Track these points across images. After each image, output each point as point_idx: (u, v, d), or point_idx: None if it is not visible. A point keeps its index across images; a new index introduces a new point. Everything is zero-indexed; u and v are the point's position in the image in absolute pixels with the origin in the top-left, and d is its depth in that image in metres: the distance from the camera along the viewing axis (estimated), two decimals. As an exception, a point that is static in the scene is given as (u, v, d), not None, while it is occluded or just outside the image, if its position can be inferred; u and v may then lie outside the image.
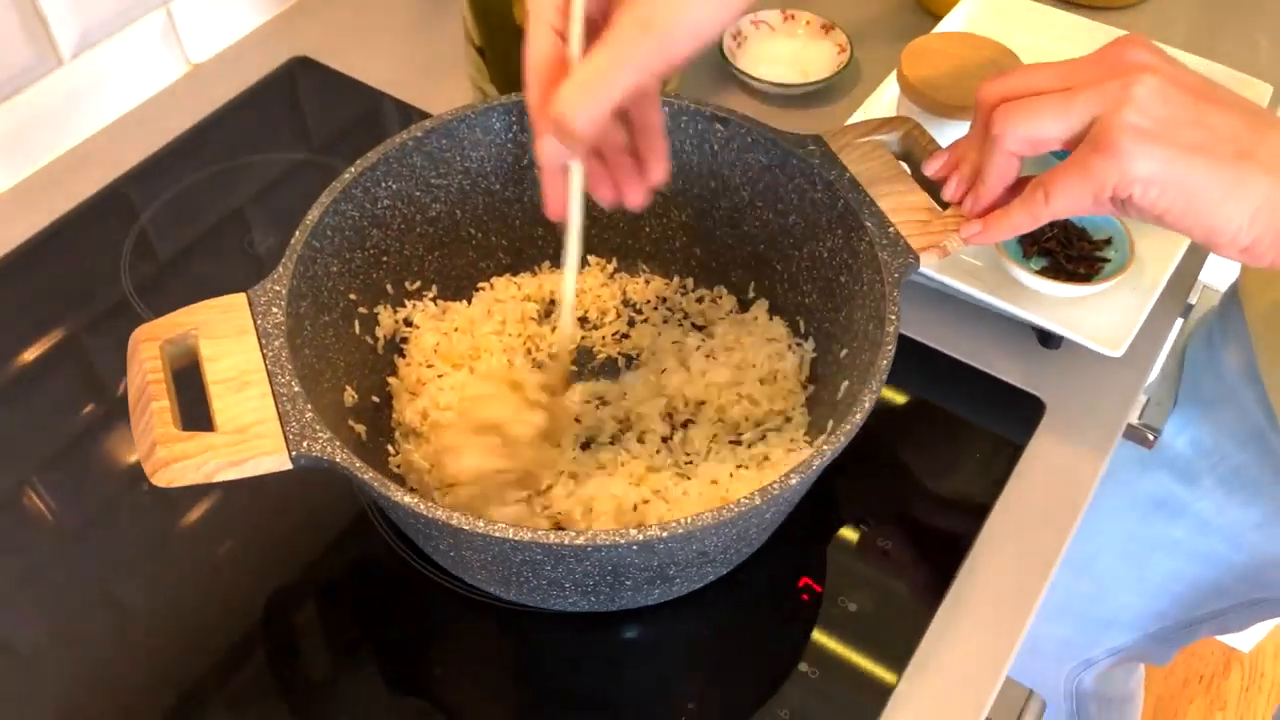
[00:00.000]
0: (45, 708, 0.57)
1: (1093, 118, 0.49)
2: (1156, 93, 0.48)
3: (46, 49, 0.78)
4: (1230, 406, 0.79)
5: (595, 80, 0.48)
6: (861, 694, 0.57)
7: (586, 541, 0.47)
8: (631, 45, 0.48)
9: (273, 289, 0.54)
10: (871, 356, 0.54)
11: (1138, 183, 0.48)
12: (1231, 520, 0.83)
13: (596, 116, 0.48)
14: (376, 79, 0.89)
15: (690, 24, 0.48)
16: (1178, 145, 0.48)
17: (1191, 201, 0.48)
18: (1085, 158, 0.49)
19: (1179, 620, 0.95)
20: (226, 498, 0.64)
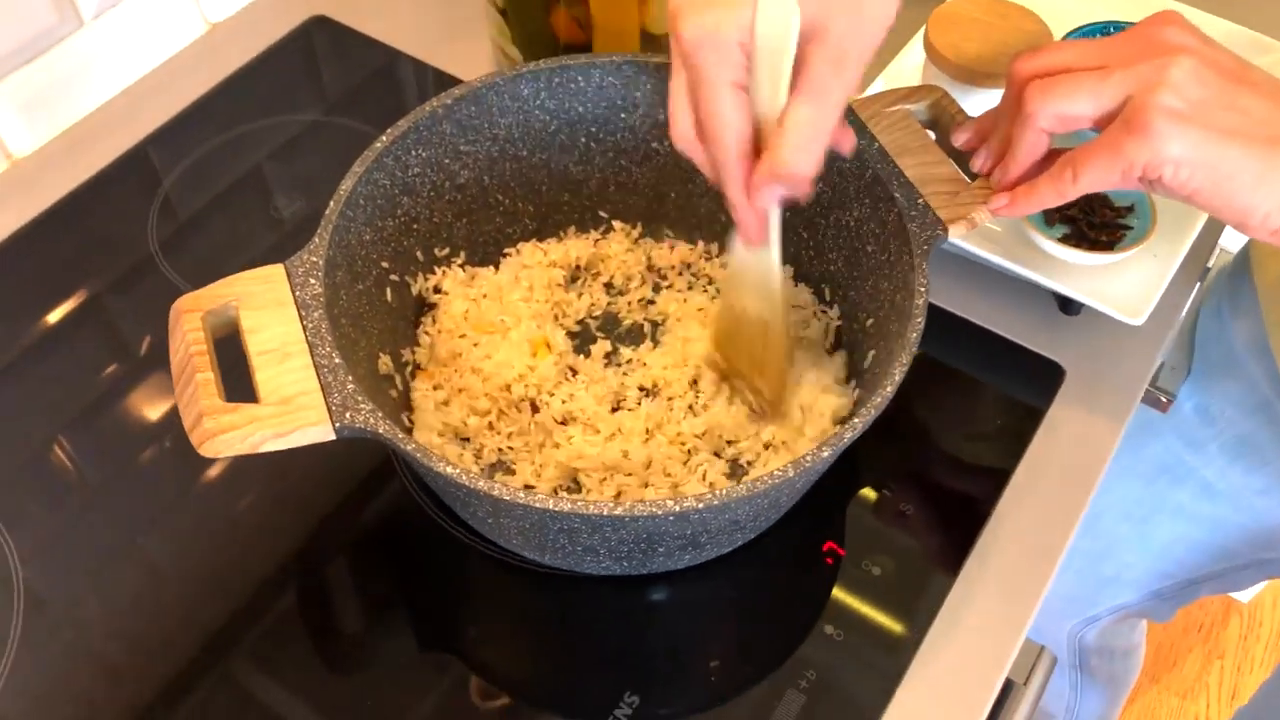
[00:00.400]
0: (77, 658, 0.58)
1: (1126, 97, 0.49)
2: (1191, 74, 0.48)
3: (68, 10, 0.78)
4: (1238, 376, 0.80)
5: (812, 132, 0.50)
6: (884, 654, 0.58)
7: (625, 512, 0.48)
8: (831, 88, 0.50)
9: (310, 260, 0.55)
10: (900, 327, 0.54)
11: (1169, 164, 0.48)
12: (1235, 486, 0.84)
13: (818, 161, 0.51)
14: (394, 38, 0.88)
15: (874, 41, 0.51)
16: (1211, 128, 0.48)
17: (1223, 184, 0.48)
18: (1117, 137, 0.49)
19: (1181, 580, 0.96)
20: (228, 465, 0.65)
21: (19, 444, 0.66)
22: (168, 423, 0.67)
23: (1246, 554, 0.90)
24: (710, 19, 0.49)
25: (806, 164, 0.50)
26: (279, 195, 0.79)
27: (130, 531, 0.63)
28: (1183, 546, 0.92)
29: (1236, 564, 0.91)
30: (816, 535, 0.63)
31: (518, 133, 0.66)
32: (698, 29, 0.50)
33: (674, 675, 0.58)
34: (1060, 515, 0.64)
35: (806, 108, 0.50)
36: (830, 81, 0.50)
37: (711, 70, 0.50)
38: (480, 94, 0.63)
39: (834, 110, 0.50)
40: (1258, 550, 0.89)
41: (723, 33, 0.49)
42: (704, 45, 0.50)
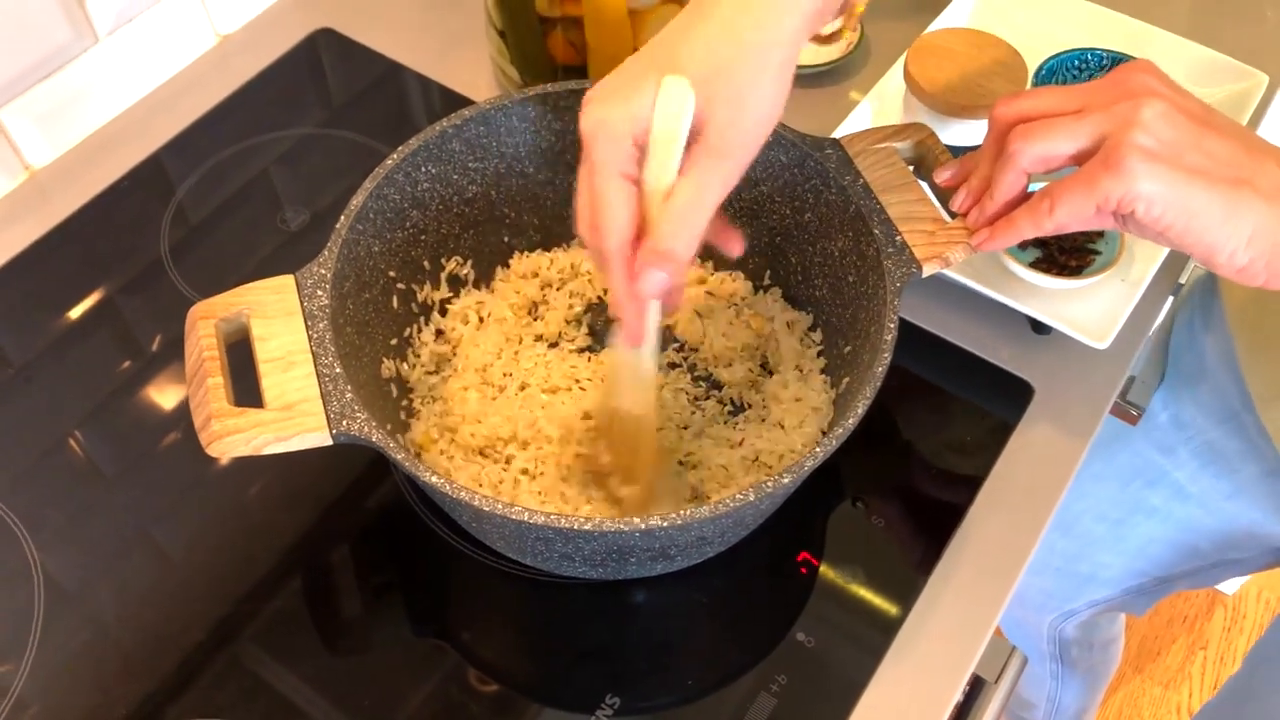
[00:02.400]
0: (91, 641, 0.60)
1: (1102, 136, 0.50)
2: (1163, 117, 0.49)
3: (84, 27, 0.78)
4: (1209, 386, 0.80)
5: (689, 213, 0.50)
6: (854, 659, 0.60)
7: (594, 527, 0.49)
8: (712, 173, 0.50)
9: (319, 272, 0.56)
10: (870, 359, 0.55)
11: (1141, 200, 0.49)
12: (1205, 490, 0.85)
13: (694, 244, 0.51)
14: (398, 52, 0.88)
15: (756, 134, 0.51)
16: (1181, 167, 0.48)
17: (1191, 221, 0.49)
18: (1093, 173, 0.49)
19: (1155, 577, 0.97)
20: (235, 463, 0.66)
21: (37, 440, 0.68)
22: (178, 418, 0.69)
23: (1215, 554, 0.90)
24: (605, 110, 0.50)
25: (682, 246, 0.50)
26: (285, 204, 0.80)
27: (143, 522, 0.65)
28: (1156, 546, 0.93)
29: (1207, 563, 0.92)
30: (791, 545, 0.64)
31: (524, 151, 0.67)
32: (592, 119, 0.51)
33: (652, 676, 0.60)
34: (1025, 526, 0.65)
35: (685, 191, 0.50)
36: (709, 170, 0.50)
37: (601, 159, 0.51)
38: (489, 115, 0.64)
39: (711, 196, 0.50)
40: (1225, 551, 0.89)
41: (614, 124, 0.50)
42: (597, 135, 0.50)
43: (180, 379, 0.70)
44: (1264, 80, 0.77)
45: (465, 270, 0.69)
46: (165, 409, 0.69)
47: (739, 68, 0.49)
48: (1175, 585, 0.97)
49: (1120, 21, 0.81)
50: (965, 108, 0.70)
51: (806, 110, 0.83)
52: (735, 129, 0.50)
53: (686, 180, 0.50)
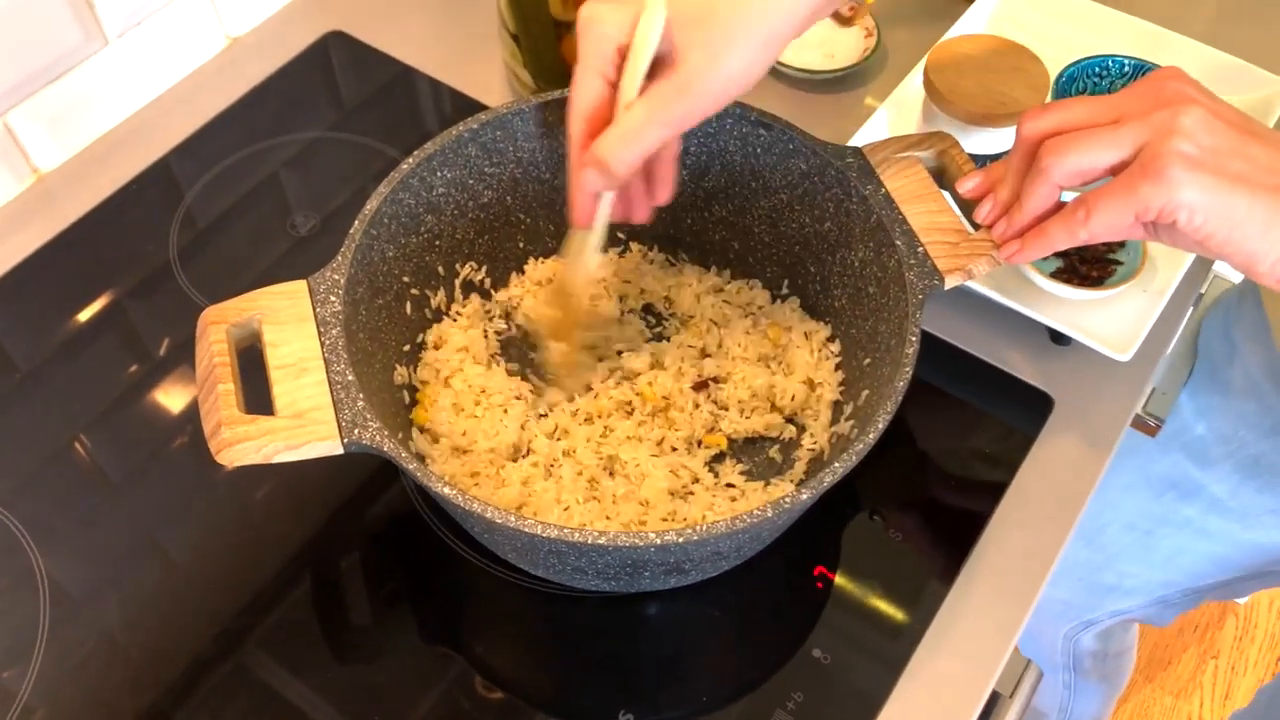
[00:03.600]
0: (97, 648, 0.59)
1: (1140, 145, 0.49)
2: (1202, 123, 0.48)
3: (94, 30, 0.77)
4: (1253, 399, 0.79)
5: (634, 133, 0.51)
6: (871, 676, 0.58)
7: (608, 541, 0.48)
8: (667, 105, 0.51)
9: (332, 278, 0.55)
10: (891, 373, 0.54)
11: (1183, 209, 0.47)
12: (1245, 504, 0.83)
13: (632, 163, 0.52)
14: (409, 55, 0.87)
15: (721, 88, 0.51)
16: (1223, 174, 0.47)
17: (1234, 230, 0.48)
18: (1132, 182, 0.48)
19: (1185, 589, 0.95)
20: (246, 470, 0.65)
21: (43, 446, 0.67)
22: (185, 423, 0.68)
23: (1253, 567, 0.89)
24: (601, 9, 0.52)
25: (619, 160, 0.52)
26: (295, 208, 0.79)
27: (150, 528, 0.64)
28: (1188, 558, 0.91)
29: (1241, 575, 0.90)
30: (807, 559, 0.62)
31: (541, 156, 0.66)
32: (588, 13, 0.52)
33: (666, 691, 0.59)
34: (1045, 540, 0.64)
35: (635, 113, 0.51)
36: (663, 101, 0.51)
37: (585, 53, 0.53)
38: (505, 119, 0.63)
39: (657, 127, 0.52)
40: (1266, 564, 0.88)
41: (603, 24, 0.52)
42: (587, 31, 0.52)
43: (188, 384, 0.69)
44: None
45: (480, 276, 0.68)
46: (172, 414, 0.68)
47: (728, 22, 0.51)
48: (1205, 596, 0.96)
49: (1139, 27, 0.80)
50: (987, 116, 0.69)
51: (823, 116, 0.82)
52: (701, 77, 0.51)
53: (640, 103, 0.52)
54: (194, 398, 0.68)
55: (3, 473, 0.65)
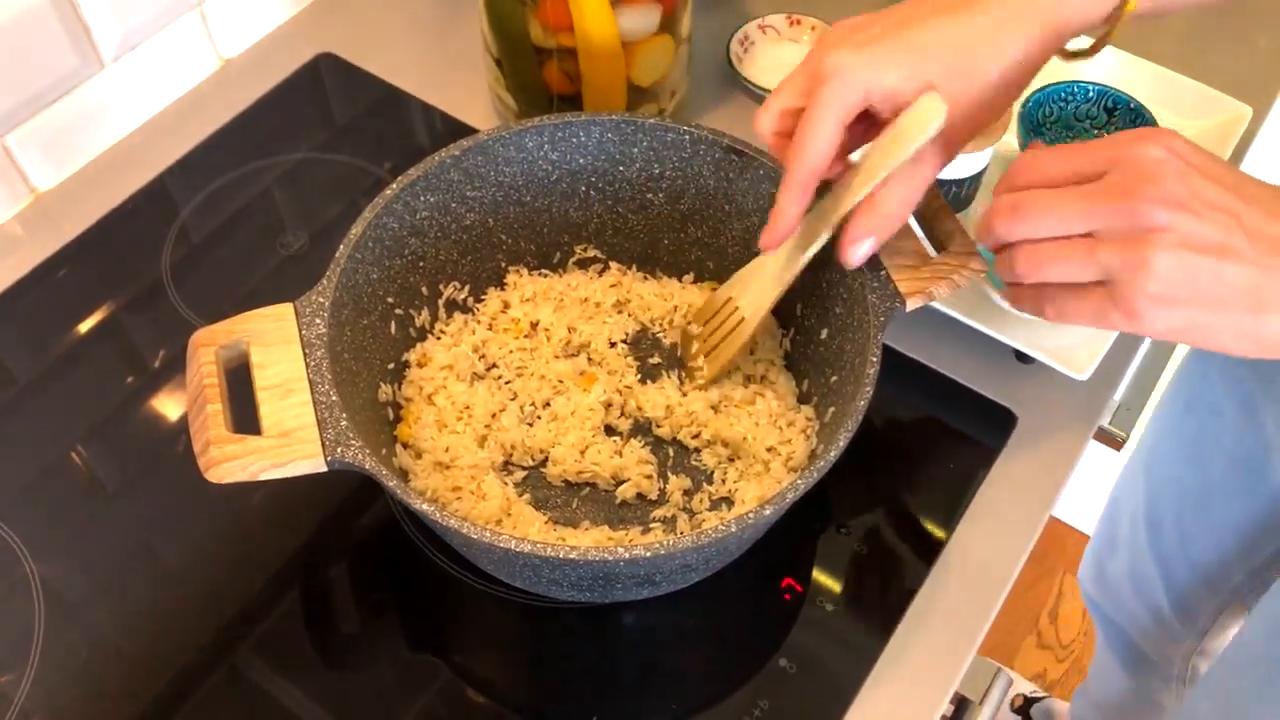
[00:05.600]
0: (92, 655, 0.61)
1: (1109, 274, 0.48)
2: (1175, 264, 0.46)
3: (90, 54, 0.79)
4: None
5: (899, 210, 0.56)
6: (835, 685, 0.60)
7: (579, 556, 0.50)
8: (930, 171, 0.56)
9: (317, 300, 0.57)
10: (854, 391, 0.56)
11: (1154, 334, 0.49)
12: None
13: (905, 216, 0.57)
14: (397, 77, 0.89)
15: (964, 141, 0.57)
16: (1194, 305, 0.47)
17: (1206, 339, 0.48)
18: (1104, 310, 0.48)
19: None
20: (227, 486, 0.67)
21: (37, 458, 0.69)
22: (176, 436, 0.70)
23: None
24: (850, 61, 0.54)
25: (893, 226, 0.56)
26: (285, 227, 0.81)
27: (143, 536, 0.66)
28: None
29: None
30: (776, 571, 0.64)
31: (522, 180, 0.68)
32: (833, 62, 0.54)
33: (637, 699, 0.61)
34: (1007, 552, 0.66)
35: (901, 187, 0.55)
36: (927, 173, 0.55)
37: (827, 99, 0.54)
38: (487, 145, 0.65)
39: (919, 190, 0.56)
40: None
41: (853, 77, 0.53)
42: (834, 79, 0.54)
43: (181, 397, 0.71)
44: (1247, 112, 0.78)
45: (463, 295, 0.70)
46: (165, 426, 0.70)
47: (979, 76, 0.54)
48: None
49: (1106, 53, 0.82)
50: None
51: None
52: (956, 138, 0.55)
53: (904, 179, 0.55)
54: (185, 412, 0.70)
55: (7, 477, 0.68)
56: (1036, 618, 1.70)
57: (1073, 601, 1.71)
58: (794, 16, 0.90)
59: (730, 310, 0.66)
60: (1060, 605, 1.71)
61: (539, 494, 0.65)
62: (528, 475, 0.65)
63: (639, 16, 0.74)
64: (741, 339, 0.65)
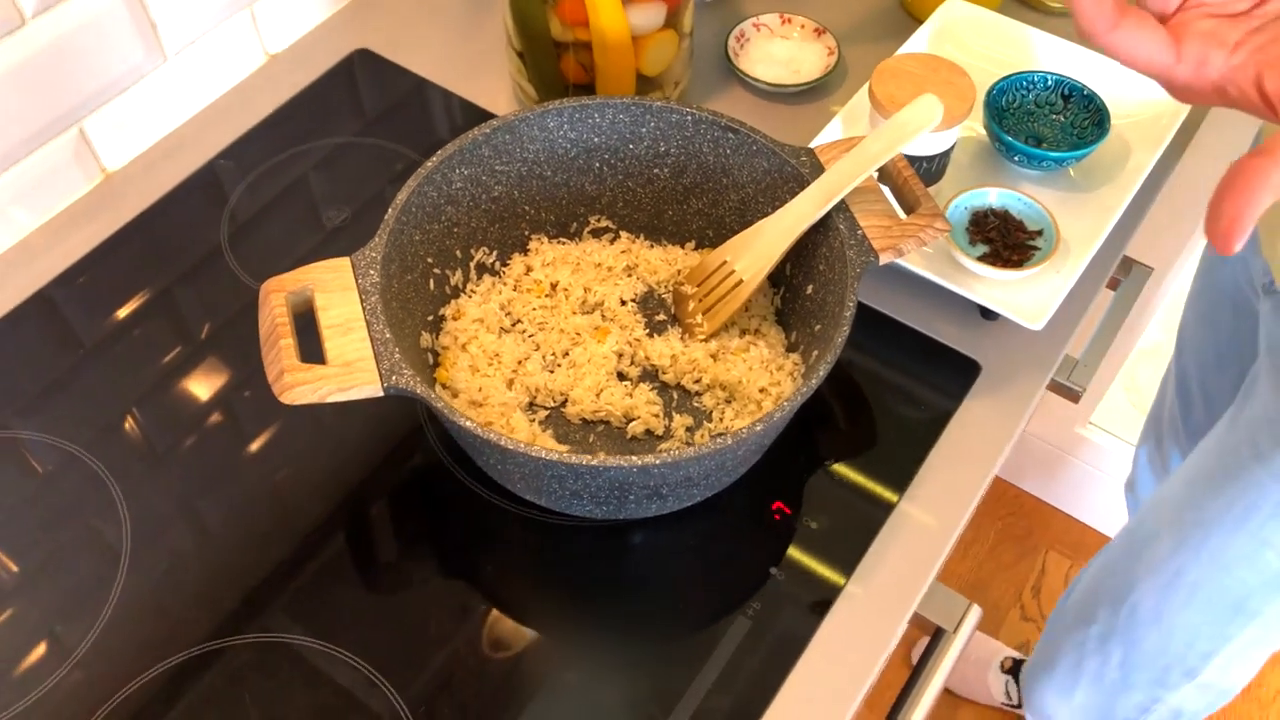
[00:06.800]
0: (171, 566, 0.70)
1: None
2: None
3: (155, 48, 0.88)
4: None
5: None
6: (816, 593, 0.69)
7: (599, 463, 0.59)
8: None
9: (370, 255, 0.66)
10: (833, 332, 0.65)
11: None
12: None
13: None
14: (427, 70, 0.98)
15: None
16: None
17: None
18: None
19: None
20: (294, 422, 0.77)
21: (121, 398, 0.77)
22: (242, 381, 0.78)
23: None
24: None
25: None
26: (326, 203, 0.90)
27: (213, 471, 0.74)
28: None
29: None
30: (768, 496, 0.73)
31: (544, 156, 0.77)
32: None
33: (644, 605, 0.69)
34: (969, 479, 0.75)
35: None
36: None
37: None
38: (514, 125, 0.74)
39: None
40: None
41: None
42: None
43: (243, 350, 0.80)
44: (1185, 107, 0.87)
45: (491, 259, 0.79)
46: (230, 376, 0.79)
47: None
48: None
49: (1060, 45, 0.91)
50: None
51: (790, 123, 0.94)
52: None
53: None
54: (249, 358, 0.79)
55: (89, 422, 0.76)
56: (1020, 592, 1.78)
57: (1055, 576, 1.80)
58: (785, 15, 0.99)
59: (726, 273, 0.75)
60: (1043, 581, 1.79)
61: (560, 430, 0.74)
62: (549, 414, 0.74)
63: (647, 13, 0.83)
64: (741, 298, 0.74)
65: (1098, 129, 0.85)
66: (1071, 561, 1.81)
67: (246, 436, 0.76)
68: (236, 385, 0.79)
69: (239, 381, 0.79)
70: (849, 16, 1.03)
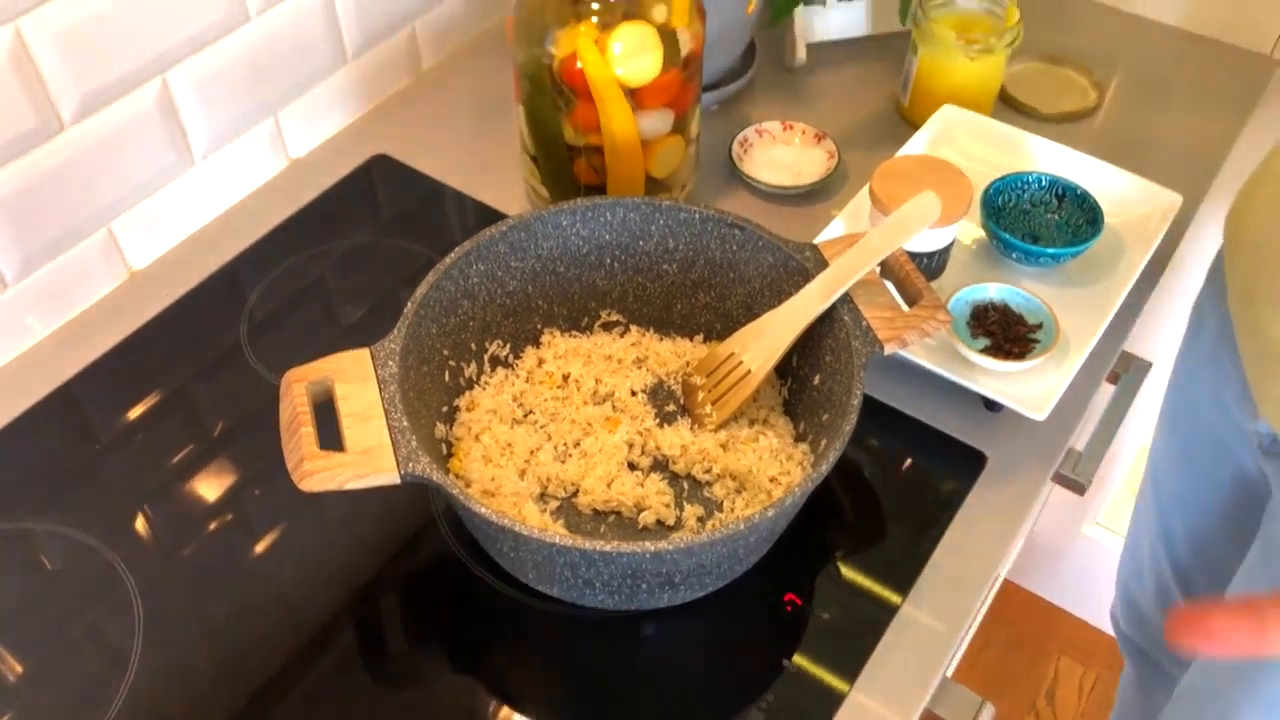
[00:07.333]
0: (182, 662, 0.70)
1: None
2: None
3: (184, 153, 0.92)
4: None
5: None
6: (829, 685, 0.69)
7: (613, 549, 0.59)
8: None
9: (389, 346, 0.68)
10: (841, 421, 0.66)
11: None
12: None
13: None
14: (443, 174, 1.02)
15: None
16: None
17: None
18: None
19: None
20: (307, 518, 0.77)
21: (138, 491, 0.78)
22: (256, 477, 0.79)
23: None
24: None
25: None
26: (343, 301, 0.92)
27: (228, 565, 0.75)
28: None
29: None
30: (778, 587, 0.73)
31: (557, 253, 0.79)
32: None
33: (654, 699, 0.69)
34: (978, 571, 0.75)
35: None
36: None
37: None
38: (529, 223, 0.77)
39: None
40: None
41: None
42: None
43: (260, 445, 0.81)
44: (1177, 200, 0.90)
45: (504, 352, 0.81)
46: (246, 470, 0.80)
47: None
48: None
49: (1053, 147, 0.95)
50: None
51: (793, 223, 0.97)
52: None
53: None
54: (266, 453, 0.80)
55: (103, 515, 0.77)
56: (1034, 700, 1.75)
57: (1069, 684, 1.77)
58: (787, 122, 1.03)
59: (734, 364, 0.76)
60: (1057, 687, 1.77)
61: (571, 521, 0.74)
62: (561, 505, 0.75)
63: (655, 119, 0.86)
64: (749, 388, 0.75)
65: (1092, 226, 0.87)
66: (1084, 667, 1.78)
67: (259, 532, 0.77)
68: (250, 481, 0.79)
69: (252, 477, 0.80)
70: (848, 123, 1.07)
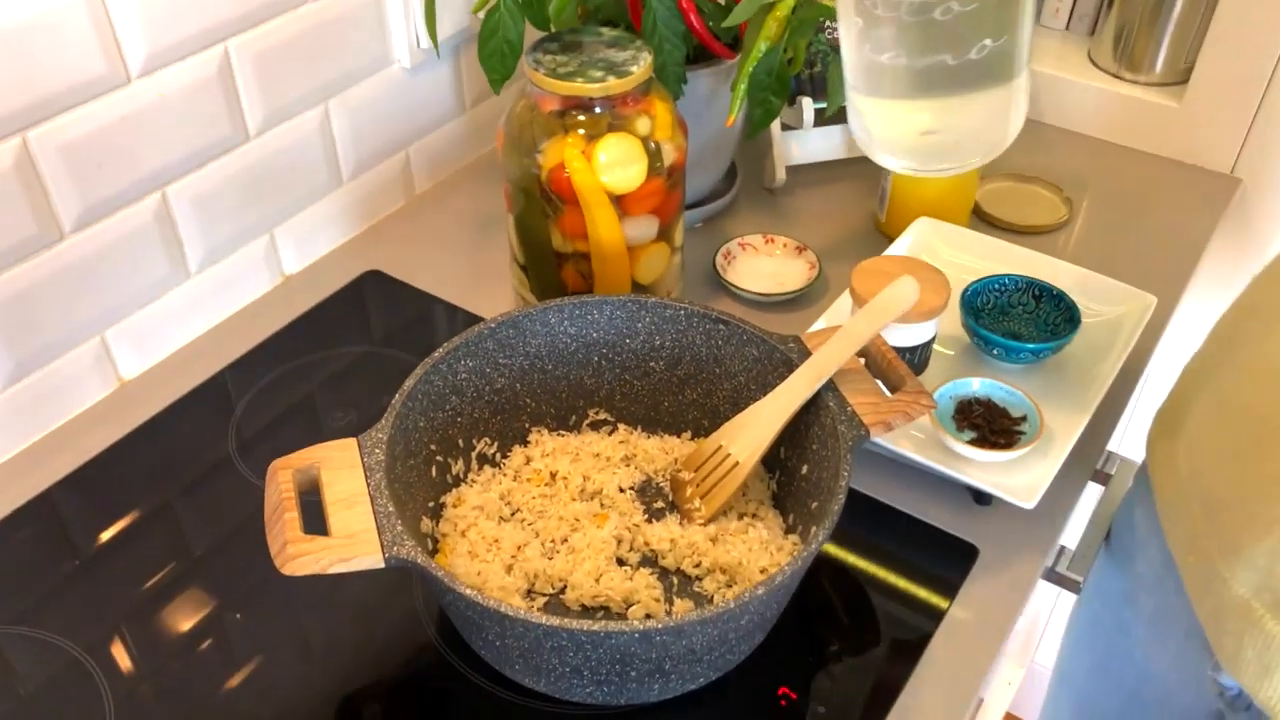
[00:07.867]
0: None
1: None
2: None
3: (180, 266, 0.94)
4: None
5: None
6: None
7: (601, 629, 0.58)
8: None
9: (376, 435, 0.68)
10: (829, 504, 0.66)
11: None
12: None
13: None
14: (434, 287, 1.04)
15: None
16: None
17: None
18: None
19: None
20: (287, 624, 0.76)
21: (126, 601, 0.77)
22: (240, 583, 0.78)
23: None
24: None
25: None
26: (331, 407, 0.92)
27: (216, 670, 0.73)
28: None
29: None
30: (774, 682, 0.71)
31: (545, 350, 0.80)
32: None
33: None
34: (973, 665, 0.73)
35: None
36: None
37: None
38: (518, 320, 0.78)
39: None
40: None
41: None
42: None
43: (249, 553, 0.79)
44: (1152, 301, 0.92)
45: (492, 450, 0.80)
46: (231, 580, 0.78)
47: None
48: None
49: (1026, 254, 0.97)
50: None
51: (776, 327, 0.96)
52: None
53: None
54: (252, 560, 0.79)
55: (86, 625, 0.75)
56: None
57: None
58: (769, 235, 1.06)
59: (722, 456, 0.76)
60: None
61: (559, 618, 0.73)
62: (548, 601, 0.74)
63: (640, 226, 0.89)
64: (738, 480, 0.75)
65: (1070, 324, 0.89)
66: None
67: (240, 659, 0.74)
68: (234, 589, 0.78)
69: (237, 583, 0.78)
70: (828, 238, 1.10)
